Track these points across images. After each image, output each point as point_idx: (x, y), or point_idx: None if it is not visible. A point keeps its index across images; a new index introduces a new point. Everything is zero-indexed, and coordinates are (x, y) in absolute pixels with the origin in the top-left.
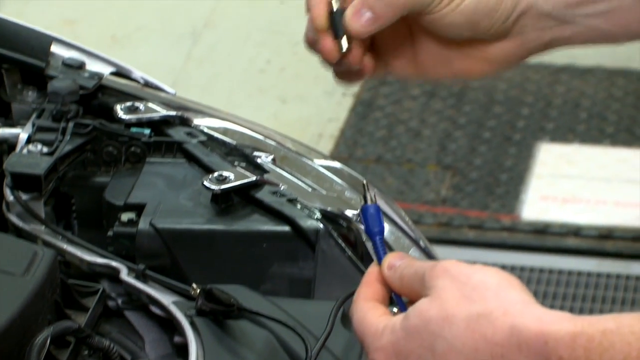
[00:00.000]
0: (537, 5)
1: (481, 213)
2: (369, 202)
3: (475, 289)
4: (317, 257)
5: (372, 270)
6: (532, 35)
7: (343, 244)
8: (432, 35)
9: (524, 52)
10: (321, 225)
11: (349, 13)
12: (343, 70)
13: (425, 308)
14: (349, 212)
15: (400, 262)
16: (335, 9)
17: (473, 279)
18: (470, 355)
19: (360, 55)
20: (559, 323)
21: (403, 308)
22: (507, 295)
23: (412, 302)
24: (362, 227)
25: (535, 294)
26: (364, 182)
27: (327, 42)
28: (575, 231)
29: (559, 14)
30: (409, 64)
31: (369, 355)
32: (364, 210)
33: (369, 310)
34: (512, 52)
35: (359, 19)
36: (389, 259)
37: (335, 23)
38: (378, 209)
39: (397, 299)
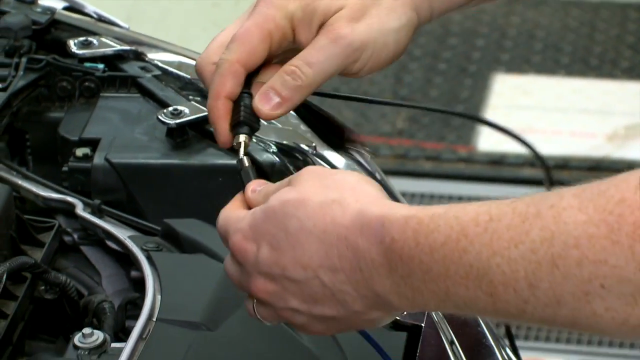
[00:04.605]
0: None
1: (438, 145)
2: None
3: (335, 182)
4: None
5: (237, 197)
6: None
7: None
8: None
9: None
10: (277, 159)
11: (257, 98)
12: None
13: (285, 192)
14: (304, 146)
15: (264, 186)
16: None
17: (335, 177)
18: (320, 236)
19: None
20: (398, 209)
21: None
22: (363, 189)
23: None
24: (318, 160)
25: None
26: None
27: (222, 132)
28: (531, 162)
29: None
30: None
31: (228, 242)
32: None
33: (232, 208)
34: None
35: (267, 103)
36: (253, 184)
37: (239, 108)
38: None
39: None
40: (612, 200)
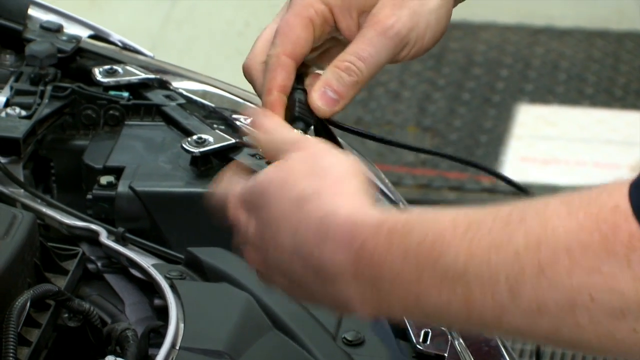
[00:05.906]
0: None
1: (461, 174)
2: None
3: (323, 169)
4: None
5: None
6: None
7: None
8: None
9: None
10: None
11: (314, 96)
12: None
13: (273, 170)
14: None
15: (279, 130)
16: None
17: (324, 162)
18: (294, 226)
19: None
20: (370, 211)
21: None
22: (345, 183)
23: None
24: None
25: None
26: None
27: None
28: (555, 192)
29: None
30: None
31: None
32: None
33: (236, 165)
34: None
35: (324, 100)
36: (271, 120)
37: (294, 104)
38: None
39: None
40: (605, 208)
